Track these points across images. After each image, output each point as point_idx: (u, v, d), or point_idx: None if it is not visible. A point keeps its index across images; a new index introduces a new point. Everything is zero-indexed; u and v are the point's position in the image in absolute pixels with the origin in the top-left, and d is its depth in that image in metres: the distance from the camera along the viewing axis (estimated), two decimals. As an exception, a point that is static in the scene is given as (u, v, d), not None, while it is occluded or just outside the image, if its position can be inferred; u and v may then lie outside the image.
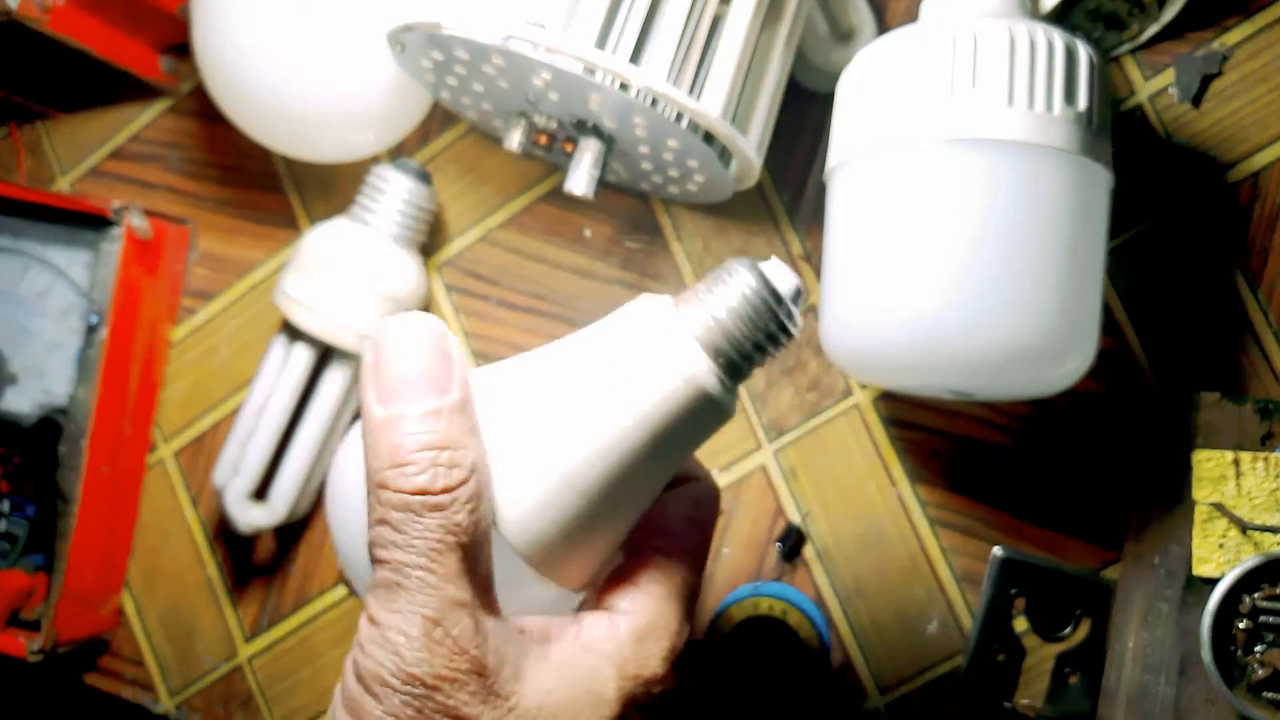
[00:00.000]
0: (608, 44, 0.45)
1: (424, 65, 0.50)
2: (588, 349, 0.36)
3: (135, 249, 0.60)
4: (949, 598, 0.53)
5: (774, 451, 0.55)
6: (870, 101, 0.45)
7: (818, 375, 0.55)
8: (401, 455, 0.33)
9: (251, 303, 0.63)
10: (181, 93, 0.64)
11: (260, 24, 0.52)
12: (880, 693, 0.54)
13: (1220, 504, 0.48)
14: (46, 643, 0.58)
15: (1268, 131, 0.51)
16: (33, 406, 0.60)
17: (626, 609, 0.37)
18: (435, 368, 0.34)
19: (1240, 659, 0.47)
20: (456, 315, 0.60)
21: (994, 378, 0.43)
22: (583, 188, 0.49)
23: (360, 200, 0.57)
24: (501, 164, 0.59)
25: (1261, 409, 0.49)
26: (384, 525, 0.33)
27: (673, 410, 0.35)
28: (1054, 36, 0.43)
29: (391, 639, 0.32)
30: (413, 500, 0.32)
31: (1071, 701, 0.51)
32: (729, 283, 0.36)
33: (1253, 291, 0.51)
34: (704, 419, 0.36)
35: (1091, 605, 0.51)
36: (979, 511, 0.53)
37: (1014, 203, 0.42)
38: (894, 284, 0.43)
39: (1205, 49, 0.51)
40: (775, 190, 0.56)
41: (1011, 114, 0.42)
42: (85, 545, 0.59)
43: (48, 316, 0.61)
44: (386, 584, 0.33)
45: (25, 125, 0.67)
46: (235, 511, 0.57)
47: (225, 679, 0.62)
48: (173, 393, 0.64)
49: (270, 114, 0.54)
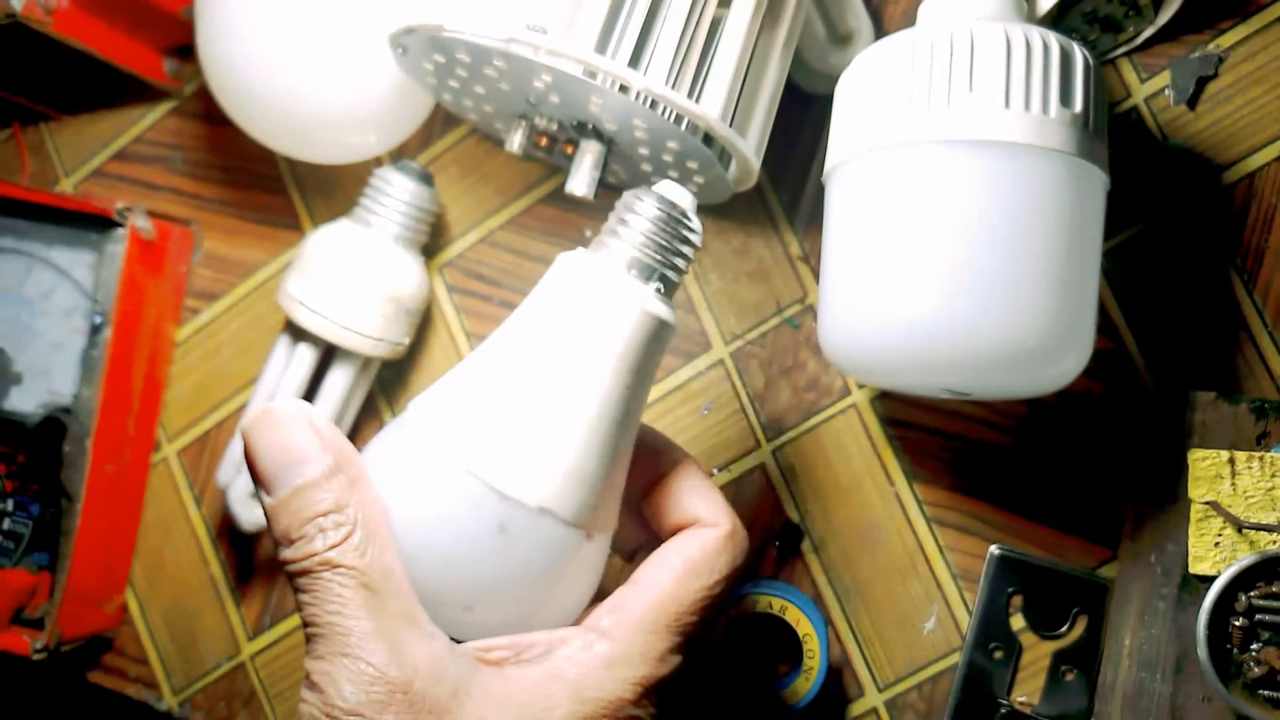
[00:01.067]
0: (608, 47, 0.46)
1: (426, 68, 0.50)
2: (544, 324, 0.40)
3: (139, 250, 0.60)
4: (946, 596, 0.53)
5: (772, 450, 0.56)
6: (868, 104, 0.45)
7: (816, 375, 0.55)
8: (292, 533, 0.37)
9: (255, 303, 0.63)
10: (185, 94, 0.64)
11: (264, 26, 0.52)
12: (877, 690, 0.54)
13: (1216, 503, 0.48)
14: (50, 641, 0.59)
15: (1263, 133, 0.51)
16: (37, 406, 0.61)
17: (605, 630, 0.39)
18: (298, 448, 0.38)
19: (1236, 657, 0.47)
20: (458, 316, 0.60)
21: (991, 377, 0.44)
22: (583, 189, 0.49)
23: (363, 202, 0.57)
24: (503, 166, 0.60)
25: (1257, 408, 0.49)
26: (299, 592, 0.37)
27: (639, 341, 0.39)
28: (1050, 39, 0.43)
29: (316, 680, 0.35)
30: (309, 564, 0.37)
31: (1068, 699, 0.51)
32: (639, 212, 0.41)
33: (1248, 292, 0.51)
34: (661, 339, 0.41)
35: (1088, 603, 0.51)
36: (976, 510, 0.53)
37: (1010, 204, 0.42)
38: (891, 284, 0.43)
39: (1201, 51, 0.52)
40: (774, 191, 0.56)
41: (1008, 116, 0.42)
42: (89, 544, 0.60)
43: (52, 317, 0.61)
44: (310, 638, 0.36)
45: (29, 127, 0.67)
46: (239, 510, 0.57)
47: (228, 677, 0.62)
48: (176, 392, 0.64)
49: (273, 116, 0.54)
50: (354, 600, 0.36)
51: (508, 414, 0.38)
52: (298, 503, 0.37)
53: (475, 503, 0.38)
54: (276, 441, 0.38)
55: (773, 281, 0.56)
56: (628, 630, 0.39)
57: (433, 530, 0.38)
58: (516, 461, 0.38)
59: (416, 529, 0.38)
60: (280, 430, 0.38)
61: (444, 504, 0.38)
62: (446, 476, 0.38)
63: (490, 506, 0.37)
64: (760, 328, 0.56)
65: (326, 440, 0.38)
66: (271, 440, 0.38)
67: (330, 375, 0.57)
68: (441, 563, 0.38)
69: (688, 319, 0.57)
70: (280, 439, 0.38)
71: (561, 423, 0.38)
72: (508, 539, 0.38)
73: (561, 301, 0.40)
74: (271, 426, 0.38)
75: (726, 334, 0.56)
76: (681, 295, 0.57)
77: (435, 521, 0.38)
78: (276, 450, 0.38)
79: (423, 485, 0.38)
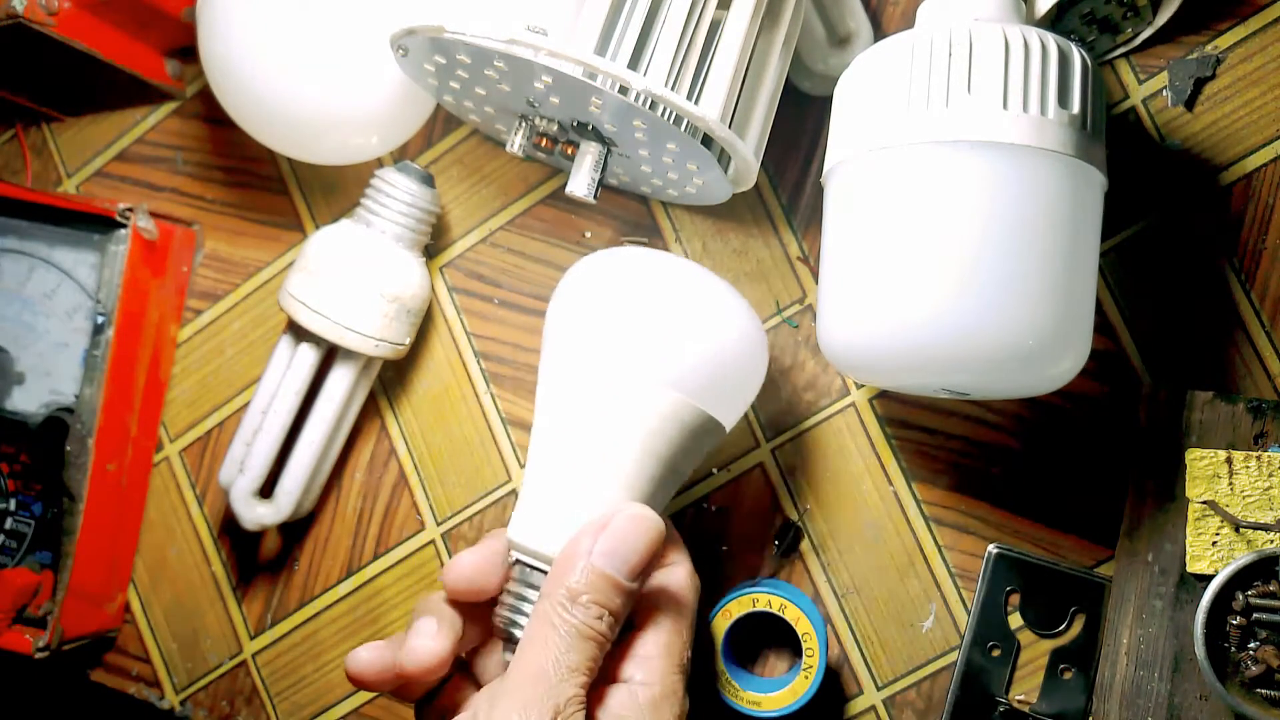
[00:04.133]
0: (608, 49, 0.46)
1: (427, 69, 0.50)
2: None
3: (142, 250, 0.60)
4: (944, 594, 0.54)
5: (772, 450, 0.56)
6: (867, 105, 0.45)
7: (815, 375, 0.56)
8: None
9: (257, 303, 0.63)
10: (187, 95, 0.65)
11: (266, 28, 0.52)
12: (876, 688, 0.54)
13: (1213, 502, 0.49)
14: (53, 639, 0.59)
15: (1261, 134, 0.51)
16: (39, 406, 0.61)
17: (642, 680, 0.44)
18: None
19: (1234, 656, 0.47)
20: (459, 316, 0.60)
21: (989, 377, 0.44)
22: (584, 190, 0.49)
23: (364, 203, 0.57)
24: (503, 167, 0.60)
25: (1254, 408, 0.49)
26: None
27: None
28: (1048, 40, 0.43)
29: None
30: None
31: (1066, 697, 0.51)
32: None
33: (1245, 292, 0.51)
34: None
35: (1086, 602, 0.51)
36: (974, 509, 0.54)
37: (1009, 204, 0.42)
38: (889, 284, 0.43)
39: (1199, 52, 0.52)
40: (773, 192, 0.56)
41: (1006, 117, 0.42)
42: (91, 543, 0.60)
43: (54, 317, 0.61)
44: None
45: (31, 128, 0.67)
46: (241, 509, 0.58)
47: (230, 675, 0.62)
48: (179, 392, 0.64)
49: (275, 117, 0.55)
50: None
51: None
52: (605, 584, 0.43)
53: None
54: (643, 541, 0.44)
55: (772, 282, 0.56)
56: (660, 674, 0.44)
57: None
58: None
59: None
60: (649, 537, 0.44)
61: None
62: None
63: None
64: (760, 328, 0.56)
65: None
66: (643, 538, 0.44)
67: (332, 375, 0.57)
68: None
69: (688, 319, 0.57)
70: (646, 541, 0.44)
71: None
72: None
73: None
74: (646, 529, 0.44)
75: (726, 334, 0.57)
76: (681, 295, 0.57)
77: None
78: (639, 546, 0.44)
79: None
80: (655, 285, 0.47)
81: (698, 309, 0.47)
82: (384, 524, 0.60)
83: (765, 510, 0.56)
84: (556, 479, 0.46)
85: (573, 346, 0.47)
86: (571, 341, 0.47)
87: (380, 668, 0.46)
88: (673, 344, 0.46)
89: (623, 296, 0.47)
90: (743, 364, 0.48)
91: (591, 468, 0.46)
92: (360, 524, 0.61)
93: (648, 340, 0.46)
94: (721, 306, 0.48)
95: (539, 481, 0.47)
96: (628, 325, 0.46)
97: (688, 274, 0.48)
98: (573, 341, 0.47)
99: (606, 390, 0.46)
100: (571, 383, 0.47)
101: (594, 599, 0.42)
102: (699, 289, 0.48)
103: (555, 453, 0.47)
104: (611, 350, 0.46)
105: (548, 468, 0.47)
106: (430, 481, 0.60)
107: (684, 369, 0.46)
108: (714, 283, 0.48)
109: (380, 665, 0.46)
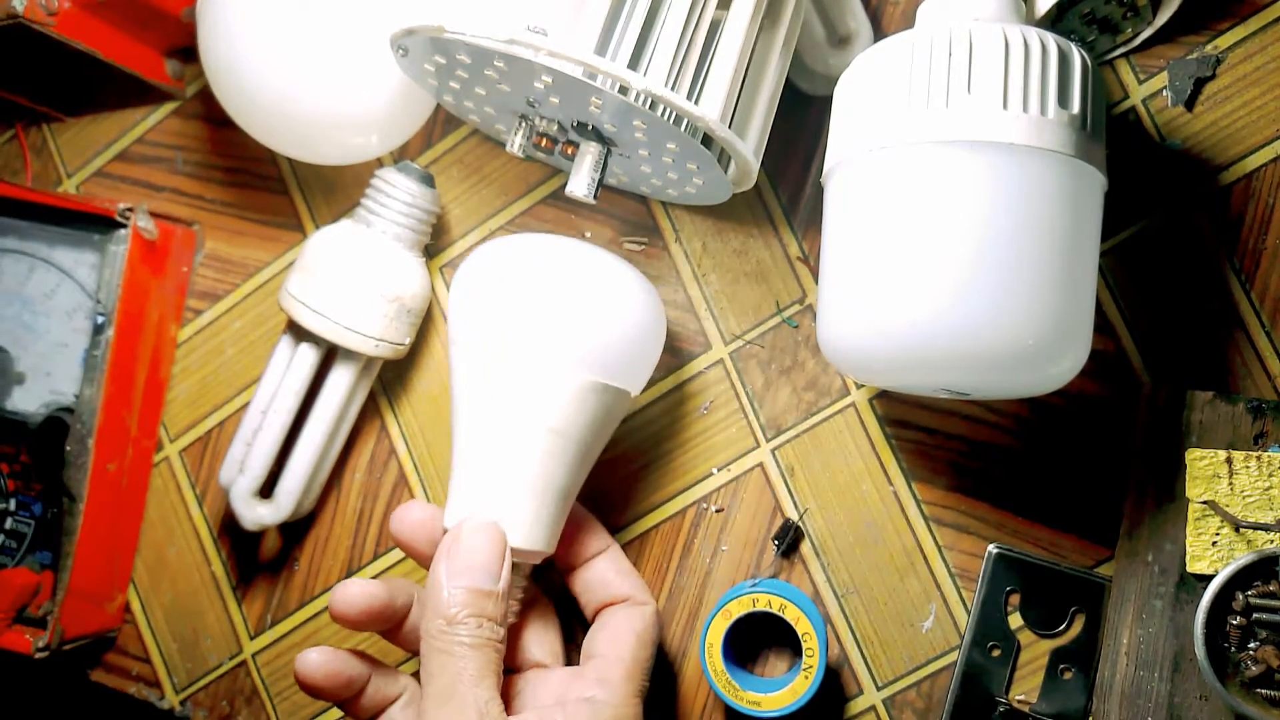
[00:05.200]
0: (608, 49, 0.46)
1: (427, 69, 0.50)
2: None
3: (142, 250, 0.61)
4: (944, 594, 0.54)
5: (772, 450, 0.56)
6: (867, 105, 0.45)
7: (815, 375, 0.56)
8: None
9: (257, 304, 0.63)
10: (187, 95, 0.65)
11: (265, 28, 0.52)
12: (876, 688, 0.54)
13: (1213, 502, 0.49)
14: (53, 639, 0.59)
15: (1261, 134, 0.51)
16: (39, 406, 0.61)
17: (603, 699, 0.48)
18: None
19: (1234, 656, 0.47)
20: (459, 316, 0.60)
21: (988, 377, 0.44)
22: (584, 190, 0.49)
23: (364, 203, 0.57)
24: (503, 167, 0.60)
25: (1254, 408, 0.49)
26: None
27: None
28: (1048, 40, 0.43)
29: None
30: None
31: (1066, 698, 0.51)
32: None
33: (1245, 292, 0.51)
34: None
35: (1086, 602, 0.52)
36: (974, 509, 0.54)
37: (1008, 204, 0.42)
38: (889, 285, 0.43)
39: (1199, 52, 0.52)
40: (773, 192, 0.56)
41: (1006, 117, 0.42)
42: (91, 543, 0.60)
43: (54, 317, 0.61)
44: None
45: (31, 128, 0.67)
46: (241, 509, 0.58)
47: (230, 675, 0.62)
48: (179, 392, 0.64)
49: (275, 117, 0.55)
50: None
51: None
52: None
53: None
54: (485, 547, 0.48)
55: (772, 282, 0.56)
56: (622, 696, 0.49)
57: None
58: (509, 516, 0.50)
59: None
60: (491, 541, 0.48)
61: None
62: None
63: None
64: (759, 328, 0.56)
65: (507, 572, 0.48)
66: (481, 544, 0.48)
67: (332, 375, 0.57)
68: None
69: (687, 319, 0.57)
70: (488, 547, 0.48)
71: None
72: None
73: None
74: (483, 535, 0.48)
75: (726, 334, 0.57)
76: (681, 295, 0.57)
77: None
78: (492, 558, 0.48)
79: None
80: (551, 268, 0.50)
81: (594, 287, 0.50)
82: (384, 524, 0.60)
83: (765, 510, 0.56)
84: (479, 468, 0.49)
85: (477, 338, 0.50)
86: (476, 334, 0.50)
87: (365, 603, 0.50)
88: (575, 326, 0.49)
89: (521, 283, 0.49)
90: (643, 333, 0.51)
91: (510, 454, 0.49)
92: (360, 524, 0.61)
93: (551, 325, 0.49)
94: (617, 280, 0.50)
95: (465, 472, 0.50)
96: (529, 312, 0.49)
97: (579, 254, 0.51)
98: (477, 334, 0.50)
99: (515, 378, 0.49)
100: (480, 372, 0.49)
101: (468, 613, 0.46)
102: (592, 267, 0.50)
103: (475, 443, 0.49)
104: (516, 338, 0.49)
105: (471, 459, 0.50)
106: (430, 481, 0.60)
107: (589, 348, 0.49)
108: (605, 258, 0.51)
109: (365, 600, 0.50)
